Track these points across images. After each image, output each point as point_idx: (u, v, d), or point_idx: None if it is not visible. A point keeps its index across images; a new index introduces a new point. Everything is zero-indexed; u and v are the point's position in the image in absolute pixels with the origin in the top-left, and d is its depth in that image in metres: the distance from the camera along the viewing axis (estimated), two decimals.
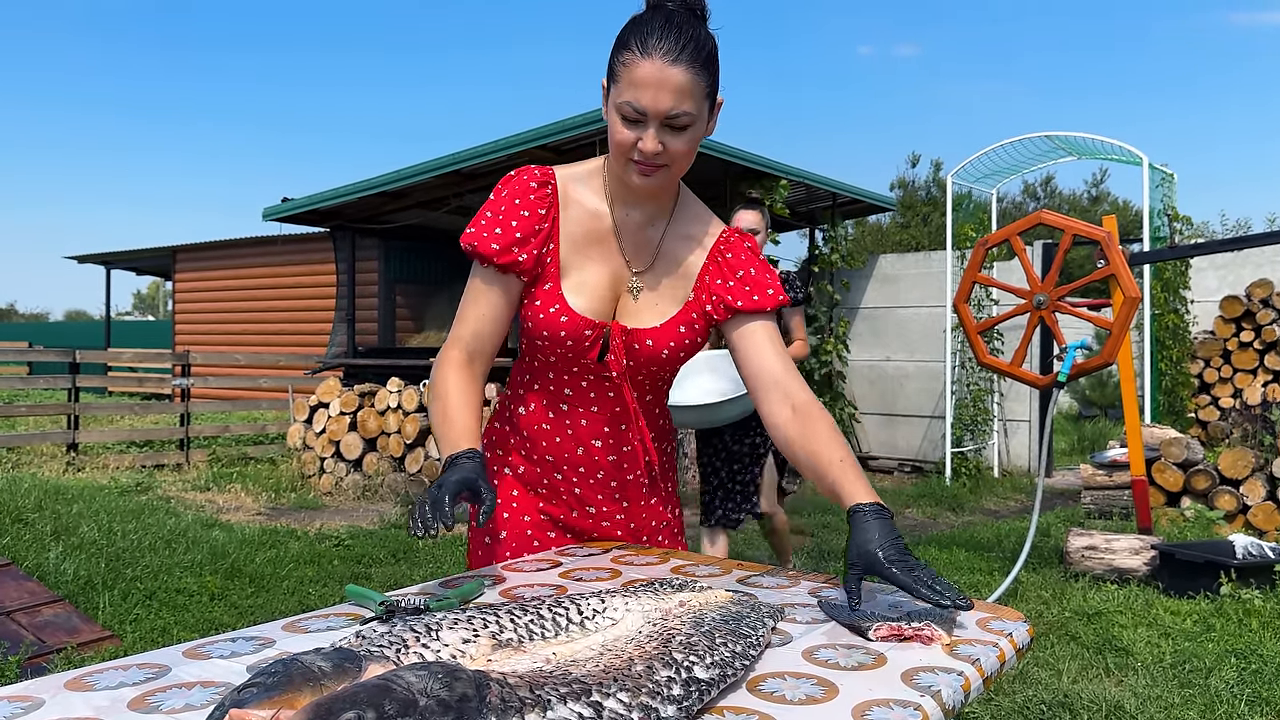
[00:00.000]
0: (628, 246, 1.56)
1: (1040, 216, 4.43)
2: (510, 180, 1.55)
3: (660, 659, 0.94)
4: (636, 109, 1.38)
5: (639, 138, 1.40)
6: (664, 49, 1.36)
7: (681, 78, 1.37)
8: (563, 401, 1.60)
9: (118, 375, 16.93)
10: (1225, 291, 9.38)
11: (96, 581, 4.50)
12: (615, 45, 1.42)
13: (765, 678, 0.99)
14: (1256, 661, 3.58)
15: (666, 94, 1.37)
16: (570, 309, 1.52)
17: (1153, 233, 7.89)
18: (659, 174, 1.45)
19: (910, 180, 22.52)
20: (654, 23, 1.38)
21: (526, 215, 1.50)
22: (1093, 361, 4.25)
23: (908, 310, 9.99)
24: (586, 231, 1.54)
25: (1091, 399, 13.87)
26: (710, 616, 1.11)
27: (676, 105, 1.38)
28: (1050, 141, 8.72)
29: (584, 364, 1.56)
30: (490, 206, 1.53)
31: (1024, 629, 1.19)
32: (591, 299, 1.53)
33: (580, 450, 1.62)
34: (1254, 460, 5.83)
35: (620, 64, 1.39)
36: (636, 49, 1.37)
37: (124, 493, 7.42)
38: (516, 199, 1.52)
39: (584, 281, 1.54)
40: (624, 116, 1.40)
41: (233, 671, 0.99)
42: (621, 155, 1.44)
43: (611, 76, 1.42)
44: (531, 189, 1.52)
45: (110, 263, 19.01)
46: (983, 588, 4.67)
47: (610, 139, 1.45)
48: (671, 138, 1.41)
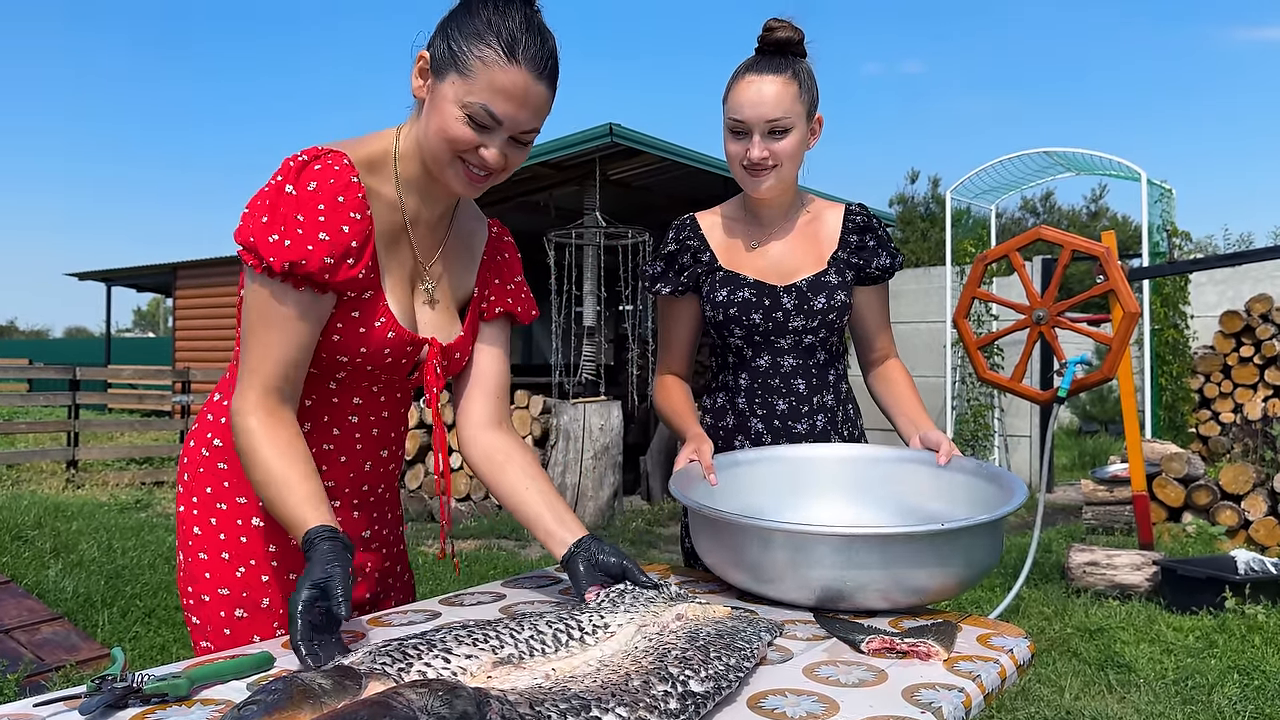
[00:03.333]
0: (420, 245, 1.40)
1: (1039, 232, 4.43)
2: (312, 171, 1.25)
3: (656, 673, 0.95)
4: (493, 116, 1.25)
5: (482, 144, 1.27)
6: (531, 58, 1.24)
7: (544, 96, 1.28)
8: (351, 413, 1.40)
9: (118, 392, 16.91)
10: (1225, 306, 9.38)
11: (96, 599, 4.48)
12: (464, 27, 1.25)
13: (766, 694, 0.99)
14: (1259, 678, 3.57)
15: (529, 111, 1.27)
16: (397, 324, 1.35)
17: (1152, 248, 7.90)
18: (488, 182, 1.33)
19: (910, 196, 22.61)
20: (515, 18, 1.25)
21: (357, 218, 1.27)
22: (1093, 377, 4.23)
23: (908, 325, 10.00)
24: (387, 229, 1.35)
25: (1092, 414, 13.85)
26: (706, 631, 1.12)
27: (532, 122, 1.28)
28: (1049, 157, 8.74)
29: (379, 377, 1.39)
30: (298, 207, 1.23)
31: (1025, 645, 1.19)
32: (403, 308, 1.37)
33: (368, 465, 1.44)
34: (1255, 475, 5.82)
35: (475, 56, 1.23)
36: (501, 49, 1.23)
37: (124, 510, 7.41)
38: (338, 195, 1.25)
39: (394, 289, 1.37)
40: (472, 118, 1.24)
41: (234, 689, 0.99)
42: (451, 154, 1.28)
43: (454, 62, 1.25)
44: (350, 183, 1.27)
45: (111, 279, 19.02)
46: (984, 604, 4.66)
47: (438, 131, 1.27)
48: (515, 151, 1.31)
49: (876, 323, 1.88)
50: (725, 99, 1.74)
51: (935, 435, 1.65)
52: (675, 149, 8.03)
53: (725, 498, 1.53)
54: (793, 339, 1.78)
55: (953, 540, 1.24)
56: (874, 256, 1.81)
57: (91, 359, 22.38)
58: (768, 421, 1.79)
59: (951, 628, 1.20)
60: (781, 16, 1.71)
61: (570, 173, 8.49)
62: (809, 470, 1.67)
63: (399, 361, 1.37)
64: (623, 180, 9.00)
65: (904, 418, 1.77)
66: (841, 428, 1.83)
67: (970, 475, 1.55)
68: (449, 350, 1.42)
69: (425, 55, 1.30)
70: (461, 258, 1.47)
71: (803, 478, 1.66)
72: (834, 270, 1.79)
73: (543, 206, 9.41)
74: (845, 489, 1.65)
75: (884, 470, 1.65)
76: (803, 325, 1.77)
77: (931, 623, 1.23)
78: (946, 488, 1.57)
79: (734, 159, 1.75)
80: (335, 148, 1.29)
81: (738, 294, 1.77)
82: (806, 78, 1.71)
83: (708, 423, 1.89)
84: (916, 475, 1.62)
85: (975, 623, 1.27)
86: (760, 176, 1.74)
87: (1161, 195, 8.38)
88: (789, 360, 1.79)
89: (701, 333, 1.89)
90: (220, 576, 1.36)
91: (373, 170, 1.33)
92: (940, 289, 9.50)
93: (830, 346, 1.83)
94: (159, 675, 0.97)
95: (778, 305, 1.76)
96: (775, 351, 1.79)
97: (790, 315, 1.76)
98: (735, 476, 1.62)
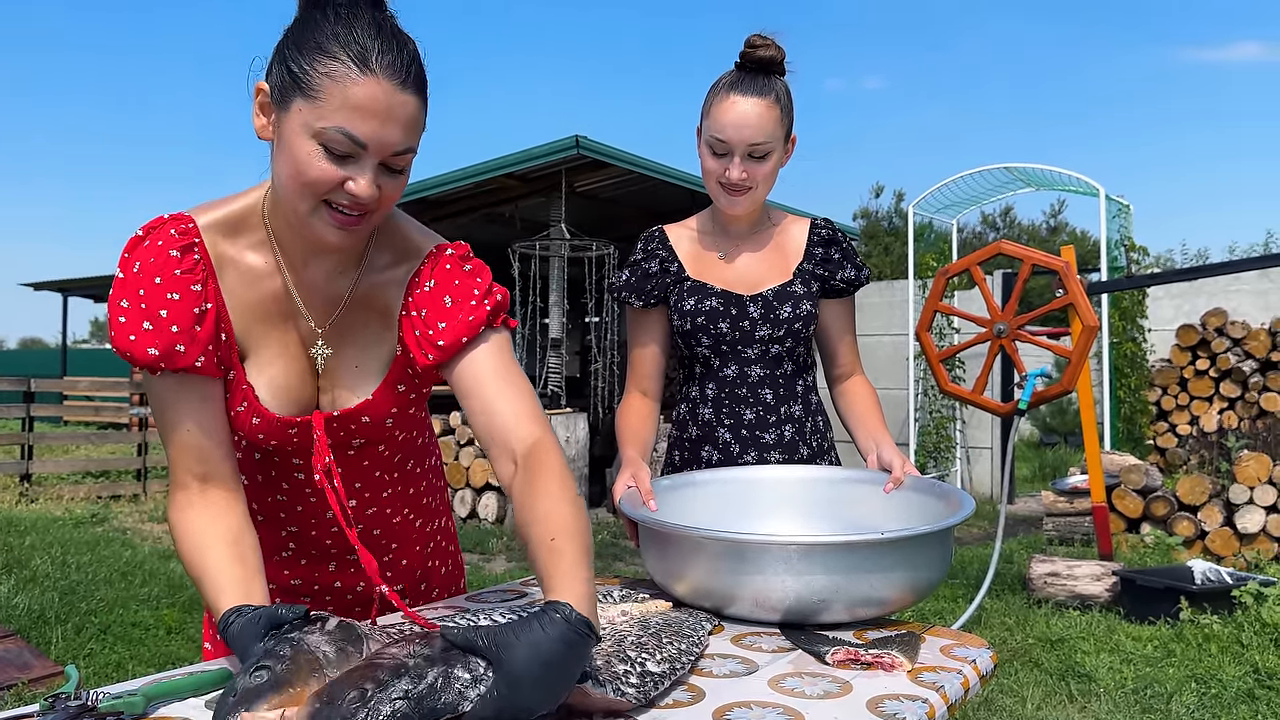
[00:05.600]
0: (310, 308, 1.22)
1: (1000, 246, 4.50)
2: (141, 249, 1.12)
3: (616, 655, 1.04)
4: (354, 140, 1.04)
5: (348, 178, 1.06)
6: (389, 65, 1.05)
7: (412, 107, 1.08)
8: (295, 470, 1.31)
9: (74, 404, 16.67)
10: (1181, 320, 9.54)
11: (49, 616, 4.40)
12: (303, 44, 1.06)
13: (732, 707, 0.99)
14: (1216, 686, 3.62)
15: (397, 127, 1.06)
16: (261, 407, 1.20)
17: (1110, 262, 8.03)
18: (364, 223, 1.11)
19: (874, 210, 22.83)
20: (362, 24, 1.06)
21: (177, 298, 1.11)
22: (1053, 389, 4.30)
23: (872, 338, 10.07)
24: (256, 299, 1.19)
25: (1052, 426, 14.02)
26: (654, 621, 1.21)
27: (404, 140, 1.08)
28: (1009, 173, 8.86)
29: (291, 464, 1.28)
30: (127, 292, 1.11)
31: (988, 656, 1.20)
32: (284, 387, 1.21)
33: (329, 513, 1.34)
34: (1211, 487, 5.92)
35: (320, 74, 1.04)
36: (351, 60, 1.03)
37: (79, 524, 7.28)
38: (157, 276, 1.11)
39: (268, 364, 1.20)
40: (328, 147, 1.04)
41: (191, 707, 0.97)
42: (313, 199, 1.08)
43: (297, 85, 1.05)
44: (172, 258, 1.12)
45: (68, 289, 18.73)
46: (947, 614, 4.69)
47: (291, 173, 1.06)
48: (391, 181, 1.11)
49: (841, 338, 1.89)
50: (706, 114, 1.75)
51: (889, 455, 1.63)
52: (642, 161, 8.06)
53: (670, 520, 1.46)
54: (759, 348, 1.79)
55: (894, 552, 1.23)
56: (839, 269, 1.83)
57: (47, 370, 21.99)
58: (735, 431, 1.80)
59: (915, 639, 1.21)
60: (765, 34, 1.73)
61: (536, 184, 8.49)
62: (757, 492, 1.64)
63: (285, 444, 1.24)
64: (589, 193, 9.01)
65: (863, 435, 1.78)
66: (810, 439, 1.84)
67: (922, 494, 1.53)
68: (343, 418, 1.25)
69: (263, 87, 1.10)
70: (375, 308, 1.25)
71: (751, 499, 1.63)
72: (799, 281, 1.81)
73: (508, 218, 9.40)
74: (795, 510, 1.62)
75: (835, 491, 1.62)
76: (769, 334, 1.78)
77: (895, 634, 1.24)
78: (897, 507, 1.54)
79: (711, 175, 1.76)
80: (186, 212, 1.16)
81: (705, 303, 1.78)
82: (786, 100, 1.74)
83: (674, 434, 1.89)
84: (868, 495, 1.58)
85: (938, 633, 1.27)
86: (737, 196, 1.76)
87: (1119, 211, 8.53)
88: (756, 370, 1.80)
89: (671, 348, 1.89)
90: None
91: (235, 233, 1.18)
92: (903, 302, 9.59)
93: (797, 357, 1.84)
94: (114, 693, 0.95)
95: (744, 314, 1.78)
96: (742, 361, 1.80)
97: (757, 324, 1.77)
98: (681, 499, 1.57)
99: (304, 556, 1.39)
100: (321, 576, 1.41)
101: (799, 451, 1.81)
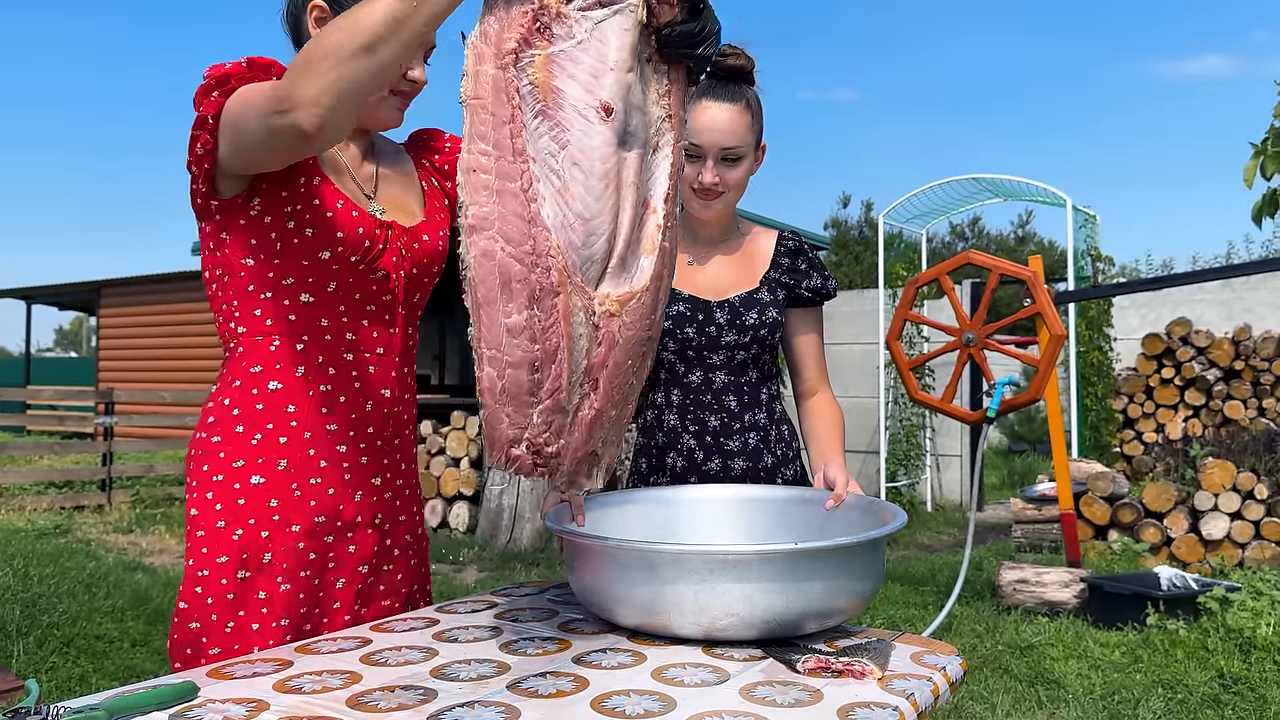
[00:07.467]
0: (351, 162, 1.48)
1: (968, 256, 4.53)
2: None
3: None
4: None
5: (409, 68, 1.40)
6: None
7: None
8: (345, 350, 1.42)
9: (37, 414, 16.33)
10: (1147, 329, 9.67)
11: (10, 629, 4.32)
12: None
13: (703, 716, 0.98)
14: (1182, 691, 3.66)
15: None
16: (355, 204, 1.40)
17: (1077, 272, 8.11)
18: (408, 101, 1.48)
19: (843, 220, 22.95)
20: None
21: None
22: (1021, 397, 4.33)
23: (842, 347, 10.12)
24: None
25: (1021, 434, 14.15)
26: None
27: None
28: (978, 184, 8.95)
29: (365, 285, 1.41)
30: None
31: (957, 663, 1.20)
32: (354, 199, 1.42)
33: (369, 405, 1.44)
34: (1176, 494, 5.99)
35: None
36: None
37: (41, 535, 7.16)
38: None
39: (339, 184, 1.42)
40: None
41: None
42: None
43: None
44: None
45: (31, 297, 18.44)
46: (917, 622, 4.71)
47: None
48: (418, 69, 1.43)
49: (808, 352, 1.89)
50: None
51: (834, 473, 1.62)
52: None
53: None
54: (725, 355, 1.80)
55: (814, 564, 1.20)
56: (805, 278, 1.85)
57: (9, 379, 21.66)
58: (700, 438, 1.80)
59: (886, 646, 1.21)
60: (735, 44, 1.76)
61: None
62: (691, 511, 1.62)
63: (376, 246, 1.40)
64: None
65: (816, 453, 1.78)
66: (775, 447, 1.84)
67: (862, 512, 1.50)
68: (415, 231, 1.47)
69: (319, 3, 1.33)
70: (394, 165, 1.54)
71: (684, 518, 1.60)
72: (766, 289, 1.82)
73: None
74: (736, 529, 1.59)
75: (778, 510, 1.60)
76: (735, 341, 1.79)
77: (866, 641, 1.24)
78: (836, 525, 1.50)
79: (684, 180, 1.78)
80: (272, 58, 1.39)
81: (672, 308, 1.79)
82: (756, 107, 1.78)
83: (640, 441, 1.89)
84: (806, 515, 1.56)
85: (909, 641, 1.28)
86: (710, 200, 1.78)
87: (1086, 221, 8.63)
88: (721, 376, 1.80)
89: None
90: (219, 544, 1.36)
91: None
92: (873, 311, 9.64)
93: (763, 365, 1.85)
94: (76, 707, 0.93)
95: (711, 320, 1.79)
96: (708, 367, 1.80)
97: (723, 330, 1.78)
98: (610, 517, 1.54)
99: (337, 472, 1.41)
100: (346, 509, 1.43)
101: (763, 460, 1.82)
